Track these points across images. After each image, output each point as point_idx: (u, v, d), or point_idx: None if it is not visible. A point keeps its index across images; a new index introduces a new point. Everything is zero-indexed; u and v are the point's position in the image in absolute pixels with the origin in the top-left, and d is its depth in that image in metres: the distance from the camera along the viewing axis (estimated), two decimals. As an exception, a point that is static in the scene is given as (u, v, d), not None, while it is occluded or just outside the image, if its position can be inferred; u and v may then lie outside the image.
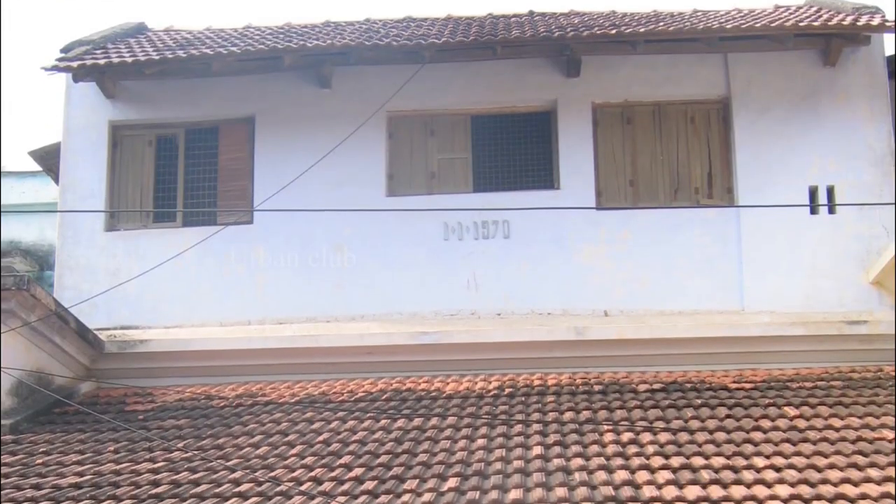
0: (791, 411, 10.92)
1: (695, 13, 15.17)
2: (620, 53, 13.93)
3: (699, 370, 12.63)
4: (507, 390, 12.11)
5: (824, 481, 8.87)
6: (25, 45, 42.57)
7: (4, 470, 9.95)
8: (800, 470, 9.17)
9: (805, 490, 8.63)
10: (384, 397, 12.04)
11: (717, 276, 13.34)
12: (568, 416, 11.03)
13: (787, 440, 10.05)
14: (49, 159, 15.43)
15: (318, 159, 13.07)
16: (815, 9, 14.50)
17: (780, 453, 9.66)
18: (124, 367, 13.14)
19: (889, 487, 8.60)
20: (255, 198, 14.02)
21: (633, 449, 9.88)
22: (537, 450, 9.91)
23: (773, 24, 13.47)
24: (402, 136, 14.40)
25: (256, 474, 9.51)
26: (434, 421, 11.05)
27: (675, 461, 9.47)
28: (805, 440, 10.04)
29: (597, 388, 12.06)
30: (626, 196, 13.99)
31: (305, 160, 13.14)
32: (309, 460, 9.96)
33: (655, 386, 12.01)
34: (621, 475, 9.11)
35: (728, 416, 10.84)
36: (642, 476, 9.10)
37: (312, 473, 9.51)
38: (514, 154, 14.32)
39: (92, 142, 14.47)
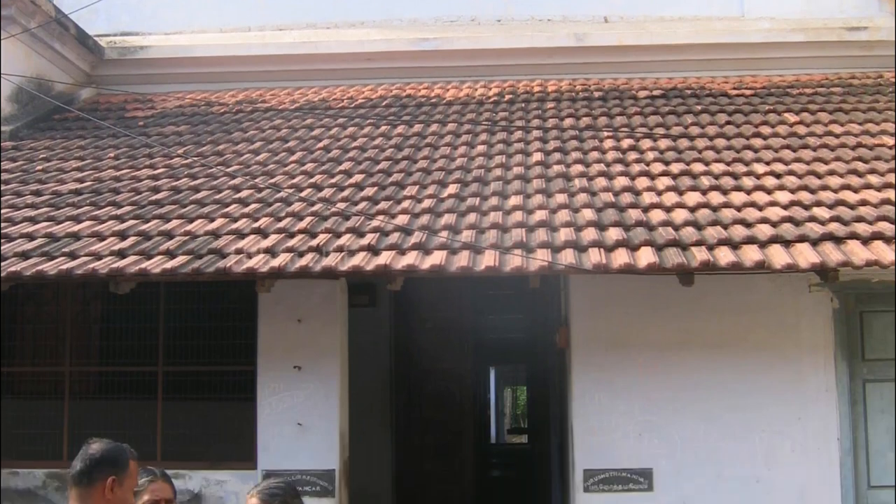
0: (791, 117, 10.30)
1: None
2: None
3: (699, 76, 12.07)
4: (507, 97, 11.52)
5: (824, 188, 8.33)
6: None
7: (4, 176, 9.50)
8: (800, 176, 8.62)
9: (805, 196, 8.11)
10: (384, 104, 11.48)
11: (718, -19, 12.49)
12: (568, 122, 10.44)
13: (787, 146, 9.47)
14: None
15: None
16: None
17: (779, 160, 9.10)
18: (124, 73, 12.48)
19: (889, 194, 8.08)
20: None
21: (633, 155, 9.35)
22: (537, 156, 9.37)
23: None
24: None
25: (256, 181, 9.04)
26: (434, 127, 10.53)
27: (675, 167, 8.95)
28: (805, 146, 9.45)
29: (597, 94, 11.48)
30: None
31: None
32: (309, 167, 9.45)
33: (655, 92, 11.41)
34: (621, 181, 8.61)
35: (728, 123, 10.23)
36: (642, 182, 8.60)
37: (312, 180, 9.01)
38: None
39: None
